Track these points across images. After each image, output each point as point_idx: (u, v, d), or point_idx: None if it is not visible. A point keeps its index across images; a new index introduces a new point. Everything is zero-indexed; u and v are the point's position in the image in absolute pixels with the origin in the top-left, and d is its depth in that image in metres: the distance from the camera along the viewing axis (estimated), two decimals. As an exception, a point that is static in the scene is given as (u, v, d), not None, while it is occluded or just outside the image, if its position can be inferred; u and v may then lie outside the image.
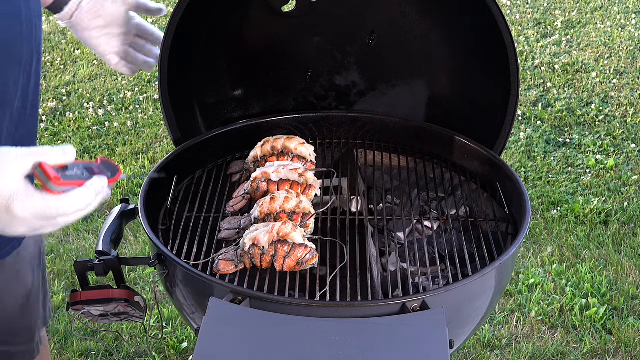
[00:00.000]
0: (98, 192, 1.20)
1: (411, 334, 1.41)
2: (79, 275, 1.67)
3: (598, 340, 2.99)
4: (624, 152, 4.18)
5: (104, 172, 1.26)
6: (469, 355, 2.94)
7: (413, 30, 2.05)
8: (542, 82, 4.90)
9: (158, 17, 5.85)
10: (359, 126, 2.18)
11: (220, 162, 2.07)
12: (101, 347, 2.97)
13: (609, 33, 5.53)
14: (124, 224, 1.78)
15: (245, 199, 1.88)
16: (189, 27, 1.91)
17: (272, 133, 2.05)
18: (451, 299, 1.52)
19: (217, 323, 1.41)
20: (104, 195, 1.22)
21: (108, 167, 1.29)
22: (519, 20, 5.76)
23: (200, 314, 1.61)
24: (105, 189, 1.22)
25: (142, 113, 4.67)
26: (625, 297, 3.18)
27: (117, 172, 1.31)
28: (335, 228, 1.80)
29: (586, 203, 3.75)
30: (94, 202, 1.20)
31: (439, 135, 2.09)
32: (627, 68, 5.06)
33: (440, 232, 1.90)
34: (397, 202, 2.02)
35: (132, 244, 3.51)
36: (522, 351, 2.95)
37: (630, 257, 3.42)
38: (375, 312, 1.46)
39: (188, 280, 1.62)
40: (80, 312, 1.70)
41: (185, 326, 3.05)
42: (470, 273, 1.69)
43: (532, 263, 3.39)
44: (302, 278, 1.65)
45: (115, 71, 5.13)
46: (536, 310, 3.12)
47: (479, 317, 1.70)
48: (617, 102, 4.66)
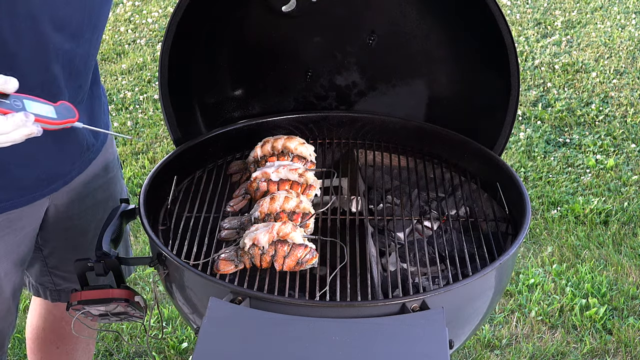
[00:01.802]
0: (18, 125, 1.33)
1: (411, 334, 1.41)
2: (79, 275, 1.67)
3: (598, 340, 2.99)
4: (624, 152, 4.18)
5: (61, 114, 1.41)
6: (469, 355, 2.94)
7: (413, 30, 2.05)
8: (542, 82, 4.90)
9: (158, 17, 5.86)
10: (359, 126, 2.18)
11: (220, 162, 2.07)
12: (101, 347, 2.97)
13: (609, 33, 5.53)
14: (124, 224, 1.78)
15: (245, 199, 1.89)
16: (189, 27, 1.91)
17: (272, 133, 2.05)
18: (451, 299, 1.52)
19: (217, 323, 1.41)
20: (28, 131, 1.35)
21: (64, 110, 1.43)
22: (519, 20, 5.77)
23: (200, 314, 1.61)
24: (29, 124, 1.35)
25: (142, 113, 4.67)
26: (625, 297, 3.18)
27: (73, 117, 1.44)
28: (335, 228, 1.80)
29: (586, 203, 3.75)
30: (13, 133, 1.33)
31: (439, 135, 2.09)
32: (627, 68, 5.06)
33: (440, 232, 1.90)
34: (397, 202, 2.02)
35: (132, 244, 3.51)
36: (522, 351, 2.95)
37: (630, 257, 3.42)
38: (375, 312, 1.46)
39: (188, 280, 1.62)
40: (80, 312, 1.70)
41: (185, 326, 3.05)
42: (470, 273, 1.69)
43: (532, 263, 3.39)
44: (302, 278, 1.65)
45: (115, 71, 5.15)
46: (536, 310, 3.12)
47: (479, 317, 1.70)
48: (617, 102, 4.66)
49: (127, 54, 5.39)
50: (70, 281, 2.08)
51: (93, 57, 1.78)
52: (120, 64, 5.25)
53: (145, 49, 5.46)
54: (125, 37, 5.64)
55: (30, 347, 2.35)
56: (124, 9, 6.03)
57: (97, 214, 1.98)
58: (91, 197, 1.97)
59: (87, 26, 1.65)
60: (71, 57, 1.65)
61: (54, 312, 2.24)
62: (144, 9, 6.02)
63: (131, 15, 5.94)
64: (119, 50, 5.45)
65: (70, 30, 1.60)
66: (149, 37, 5.64)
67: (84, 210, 1.96)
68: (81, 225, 1.98)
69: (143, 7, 6.07)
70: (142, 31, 5.73)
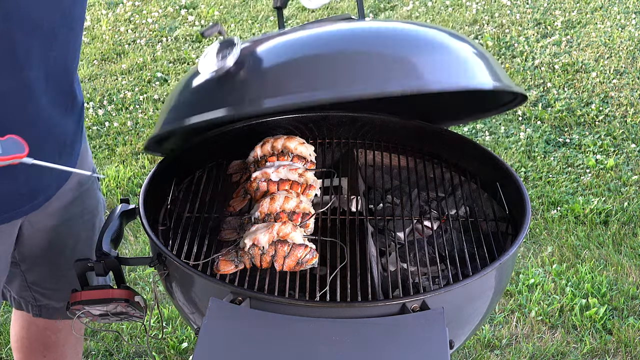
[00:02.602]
0: None
1: (411, 334, 1.41)
2: (79, 275, 1.67)
3: (598, 340, 2.99)
4: (624, 152, 4.18)
5: (7, 149, 1.38)
6: (469, 355, 2.94)
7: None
8: (542, 82, 4.90)
9: (158, 17, 5.85)
10: (358, 126, 2.18)
11: (220, 162, 2.07)
12: (101, 347, 2.97)
13: (609, 33, 5.53)
14: (124, 224, 1.78)
15: (245, 199, 1.88)
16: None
17: (272, 133, 2.05)
18: (451, 299, 1.52)
19: (217, 323, 1.41)
20: None
21: (11, 145, 1.40)
22: (519, 20, 5.76)
23: (200, 314, 1.61)
24: None
25: (142, 113, 4.67)
26: (625, 297, 3.18)
27: (21, 152, 1.41)
28: (335, 228, 1.80)
29: (586, 203, 3.75)
30: None
31: (439, 135, 2.09)
32: (627, 68, 5.06)
33: (440, 232, 1.90)
34: (397, 202, 2.02)
35: (132, 244, 3.51)
36: (522, 351, 2.95)
37: (630, 257, 3.42)
38: (375, 312, 1.46)
39: (188, 281, 1.62)
40: (80, 312, 1.70)
41: (185, 326, 3.05)
42: (470, 273, 1.69)
43: (532, 263, 3.39)
44: (302, 278, 1.65)
45: (115, 71, 5.15)
46: (536, 310, 3.12)
47: (479, 317, 1.70)
48: (617, 102, 4.66)
49: (127, 54, 5.39)
50: (51, 298, 2.05)
51: (72, 60, 1.73)
52: (120, 64, 5.25)
53: (145, 49, 5.46)
54: (125, 37, 5.64)
55: (17, 357, 2.31)
56: (124, 9, 6.03)
57: (72, 229, 1.96)
58: (64, 210, 1.92)
59: (60, 27, 1.61)
60: (45, 59, 1.60)
61: (36, 322, 2.20)
62: (144, 9, 6.02)
63: (131, 15, 5.94)
64: (119, 50, 5.45)
65: (42, 31, 1.56)
66: (149, 37, 5.64)
67: (58, 225, 1.93)
68: (57, 240, 1.94)
69: (143, 7, 6.07)
70: (142, 31, 5.73)
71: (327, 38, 1.66)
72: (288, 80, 1.55)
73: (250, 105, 1.53)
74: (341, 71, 1.54)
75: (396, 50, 1.61)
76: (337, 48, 1.62)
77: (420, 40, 1.67)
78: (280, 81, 1.56)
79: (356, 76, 1.53)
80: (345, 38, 1.66)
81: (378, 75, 1.54)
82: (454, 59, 1.63)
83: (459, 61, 1.63)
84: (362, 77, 1.53)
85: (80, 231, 1.99)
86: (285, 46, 1.65)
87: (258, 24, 5.76)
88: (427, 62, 1.60)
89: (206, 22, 5.82)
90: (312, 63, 1.58)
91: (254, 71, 1.61)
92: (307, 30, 1.67)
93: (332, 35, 1.67)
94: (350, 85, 1.52)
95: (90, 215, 2.01)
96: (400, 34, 1.70)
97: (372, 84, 1.52)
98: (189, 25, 5.79)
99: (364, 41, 1.65)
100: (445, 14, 5.79)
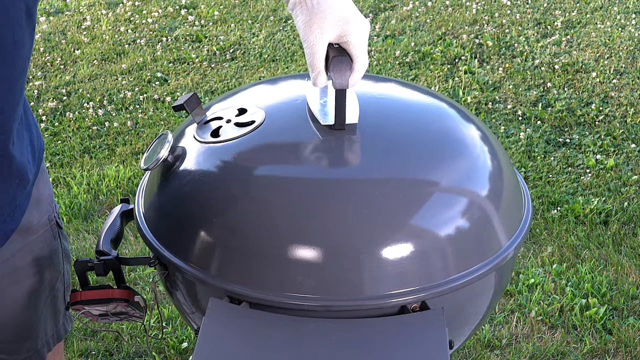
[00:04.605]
0: None
1: (411, 334, 1.41)
2: (79, 275, 1.67)
3: (598, 340, 2.99)
4: (624, 152, 4.18)
5: None
6: (469, 355, 2.94)
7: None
8: (542, 82, 4.90)
9: (158, 17, 5.84)
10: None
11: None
12: (101, 347, 2.97)
13: (609, 33, 5.53)
14: (124, 224, 1.78)
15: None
16: None
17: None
18: (451, 299, 1.52)
19: (217, 323, 1.41)
20: None
21: None
22: (519, 20, 5.77)
23: (200, 314, 1.61)
24: None
25: (142, 113, 4.67)
26: (625, 297, 3.19)
27: None
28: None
29: (586, 203, 3.75)
30: None
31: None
32: (627, 68, 5.06)
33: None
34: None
35: (132, 244, 3.51)
36: (522, 351, 2.95)
37: (630, 257, 3.42)
38: (375, 312, 1.46)
39: (188, 281, 1.62)
40: (80, 312, 1.69)
41: (185, 326, 3.05)
42: (470, 273, 1.68)
43: (532, 263, 3.39)
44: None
45: (115, 71, 5.15)
46: (536, 310, 3.12)
47: (479, 317, 1.70)
48: (617, 102, 4.66)
49: (127, 54, 5.39)
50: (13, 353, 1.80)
51: (15, 79, 1.31)
52: (120, 64, 5.25)
53: (145, 49, 5.46)
54: (125, 37, 5.64)
55: None
56: (124, 9, 6.03)
57: (19, 281, 1.70)
58: (9, 263, 1.64)
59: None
60: None
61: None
62: (144, 9, 6.02)
63: (131, 15, 5.94)
64: (119, 50, 5.45)
65: None
66: (149, 37, 5.64)
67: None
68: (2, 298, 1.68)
69: (143, 7, 6.07)
70: (142, 31, 5.73)
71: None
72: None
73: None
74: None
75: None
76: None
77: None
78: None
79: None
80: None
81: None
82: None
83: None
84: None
85: (33, 283, 1.71)
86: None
87: (258, 24, 5.77)
88: None
89: (206, 22, 5.83)
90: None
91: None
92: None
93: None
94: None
95: (39, 267, 1.70)
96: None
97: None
98: (189, 25, 5.79)
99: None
100: (445, 13, 5.79)
